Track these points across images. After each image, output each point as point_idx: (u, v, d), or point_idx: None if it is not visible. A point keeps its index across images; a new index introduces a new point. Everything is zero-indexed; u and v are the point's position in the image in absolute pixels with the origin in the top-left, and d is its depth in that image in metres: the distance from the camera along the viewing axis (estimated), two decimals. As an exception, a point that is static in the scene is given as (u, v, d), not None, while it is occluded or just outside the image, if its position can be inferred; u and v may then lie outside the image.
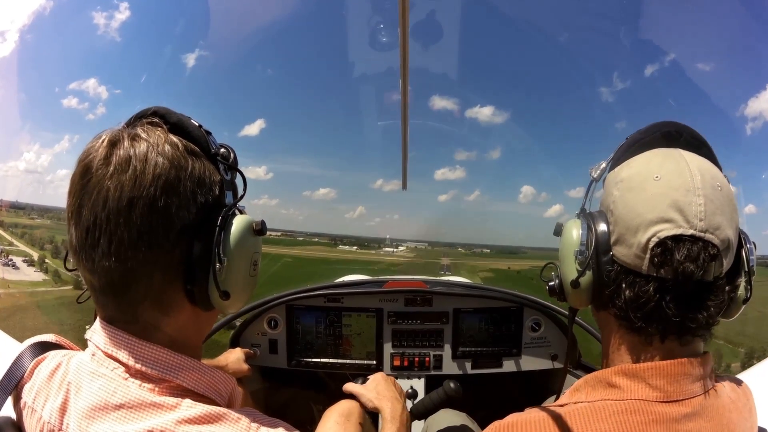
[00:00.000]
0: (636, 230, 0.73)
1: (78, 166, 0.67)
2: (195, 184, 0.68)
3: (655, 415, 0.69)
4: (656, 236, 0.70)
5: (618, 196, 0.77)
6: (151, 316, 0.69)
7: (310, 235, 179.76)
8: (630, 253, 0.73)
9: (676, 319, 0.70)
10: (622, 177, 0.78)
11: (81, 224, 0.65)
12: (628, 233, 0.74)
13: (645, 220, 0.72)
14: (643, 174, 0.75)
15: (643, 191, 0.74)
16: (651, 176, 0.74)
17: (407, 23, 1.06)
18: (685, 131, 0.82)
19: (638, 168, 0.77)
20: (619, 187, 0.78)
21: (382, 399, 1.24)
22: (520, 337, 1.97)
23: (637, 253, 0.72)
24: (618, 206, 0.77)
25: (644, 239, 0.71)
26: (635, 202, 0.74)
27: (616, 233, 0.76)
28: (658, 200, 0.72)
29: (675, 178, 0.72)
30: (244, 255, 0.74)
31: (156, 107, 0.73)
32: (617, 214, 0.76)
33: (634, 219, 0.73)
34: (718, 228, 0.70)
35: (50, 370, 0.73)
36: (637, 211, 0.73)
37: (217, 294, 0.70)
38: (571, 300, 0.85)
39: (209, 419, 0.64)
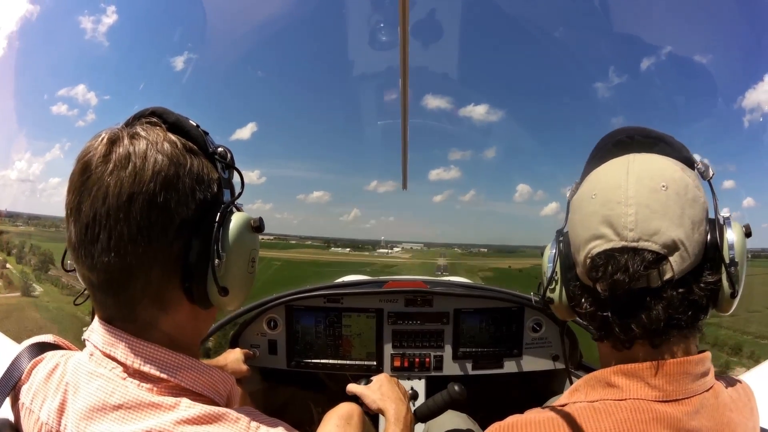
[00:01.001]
0: (578, 249, 0.78)
1: (77, 163, 0.67)
2: (194, 181, 0.69)
3: (655, 414, 0.69)
4: (589, 254, 0.75)
5: (570, 218, 0.83)
6: (150, 314, 0.69)
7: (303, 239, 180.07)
8: (580, 270, 0.79)
9: (617, 327, 0.73)
10: (573, 200, 0.84)
11: (80, 220, 0.65)
12: (575, 252, 0.80)
13: (582, 239, 0.77)
14: (584, 194, 0.80)
15: (581, 211, 0.79)
16: (589, 195, 0.78)
17: (407, 22, 1.05)
18: (636, 134, 0.82)
19: (583, 188, 0.81)
20: (572, 209, 0.83)
21: (386, 400, 1.23)
22: (521, 337, 1.96)
23: (581, 269, 0.78)
24: (569, 228, 0.83)
25: (582, 257, 0.77)
26: (576, 224, 0.80)
27: (573, 253, 0.82)
28: (591, 219, 0.76)
29: (608, 193, 0.75)
30: (243, 252, 0.74)
31: (154, 107, 0.74)
32: (570, 235, 0.83)
33: (576, 239, 0.79)
34: (656, 233, 0.70)
35: (48, 371, 0.73)
36: (577, 232, 0.79)
37: (216, 290, 0.70)
38: (556, 313, 0.91)
39: (208, 419, 0.64)
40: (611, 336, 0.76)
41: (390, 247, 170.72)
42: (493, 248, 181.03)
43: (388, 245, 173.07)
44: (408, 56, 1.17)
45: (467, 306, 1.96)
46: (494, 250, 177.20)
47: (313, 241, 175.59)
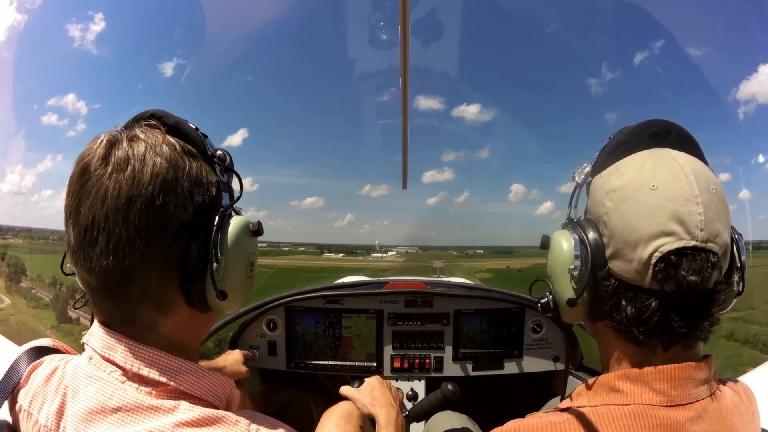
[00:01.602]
0: (635, 245, 0.70)
1: (76, 166, 0.67)
2: (192, 184, 0.69)
3: (659, 420, 0.69)
4: (658, 251, 0.68)
5: (611, 207, 0.74)
6: (149, 317, 0.69)
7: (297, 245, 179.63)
8: (630, 268, 0.71)
9: (682, 330, 0.70)
10: (614, 186, 0.75)
11: (79, 223, 0.65)
12: (626, 248, 0.71)
13: (645, 234, 0.69)
14: (637, 183, 0.72)
15: (639, 203, 0.71)
16: (646, 185, 0.71)
17: (407, 21, 1.05)
18: (672, 129, 0.79)
19: (631, 176, 0.74)
20: (612, 198, 0.74)
21: (376, 405, 1.23)
22: (521, 338, 1.96)
23: (637, 268, 0.70)
24: (612, 219, 0.74)
25: (646, 255, 0.69)
26: (632, 215, 0.71)
27: (612, 247, 0.73)
28: (656, 212, 0.69)
29: (672, 187, 0.70)
30: (241, 255, 0.74)
31: (154, 110, 0.74)
32: (612, 226, 0.73)
33: (633, 233, 0.71)
34: (718, 235, 0.69)
35: (47, 374, 0.72)
36: (635, 225, 0.71)
37: (214, 294, 0.70)
38: (566, 317, 0.83)
39: (208, 422, 0.64)
40: (657, 339, 0.72)
41: (384, 251, 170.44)
42: (490, 249, 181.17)
43: (382, 249, 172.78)
44: (408, 55, 1.18)
45: (467, 307, 1.96)
46: (491, 251, 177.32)
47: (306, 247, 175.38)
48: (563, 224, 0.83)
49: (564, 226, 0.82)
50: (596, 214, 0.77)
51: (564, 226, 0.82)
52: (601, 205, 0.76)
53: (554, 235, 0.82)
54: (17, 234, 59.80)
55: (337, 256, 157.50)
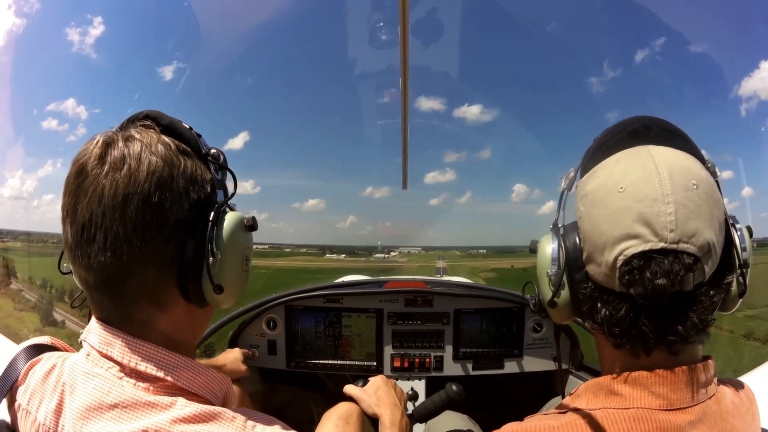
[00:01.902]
0: (603, 249, 0.70)
1: (73, 166, 0.68)
2: (187, 181, 0.70)
3: (658, 423, 0.68)
4: (623, 255, 0.67)
5: (584, 211, 0.74)
6: (146, 313, 0.70)
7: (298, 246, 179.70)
8: (600, 271, 0.72)
9: (653, 335, 0.69)
10: (586, 190, 0.75)
11: (76, 222, 0.66)
12: (596, 251, 0.72)
13: (610, 237, 0.69)
14: (606, 186, 0.71)
15: (606, 206, 0.70)
16: (615, 188, 0.70)
17: (407, 20, 1.05)
18: (654, 124, 0.77)
19: (602, 178, 0.73)
20: (585, 202, 0.75)
21: (381, 405, 1.23)
22: (521, 338, 1.95)
23: (606, 272, 0.70)
24: (585, 222, 0.74)
25: (611, 258, 0.68)
26: (599, 219, 0.71)
27: (586, 251, 0.74)
28: (622, 215, 0.68)
29: (640, 187, 0.68)
30: (237, 250, 0.75)
31: (148, 111, 0.75)
32: (584, 230, 0.75)
33: (600, 237, 0.71)
34: (694, 234, 0.66)
35: (45, 372, 0.73)
36: (602, 229, 0.70)
37: (211, 288, 0.71)
38: (553, 317, 0.86)
39: (204, 418, 0.64)
40: (634, 343, 0.71)
41: (387, 251, 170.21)
42: (493, 249, 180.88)
43: (384, 250, 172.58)
44: (408, 54, 1.18)
45: (468, 306, 1.96)
46: (493, 251, 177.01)
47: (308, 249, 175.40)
48: (550, 228, 0.84)
49: (550, 231, 0.84)
50: (576, 218, 0.78)
51: (550, 230, 0.84)
52: (576, 210, 0.78)
53: (541, 240, 0.85)
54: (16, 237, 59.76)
55: (339, 257, 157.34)
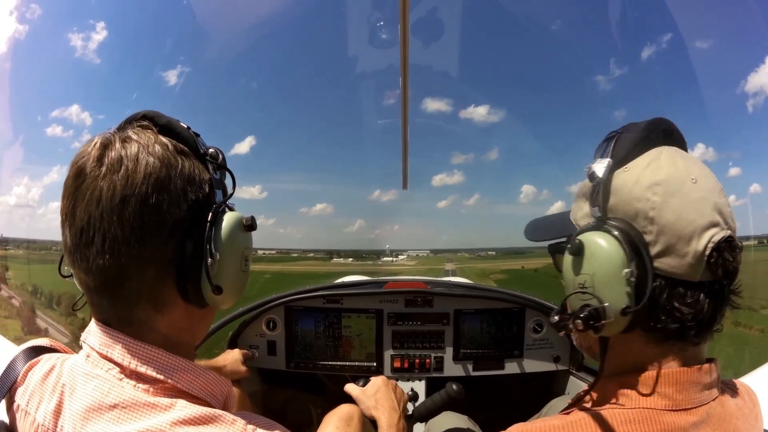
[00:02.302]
0: (690, 238, 0.69)
1: (71, 169, 0.68)
2: (185, 182, 0.69)
3: (663, 425, 0.68)
4: (711, 241, 0.69)
5: (660, 201, 0.70)
6: (146, 314, 0.69)
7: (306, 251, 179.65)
8: (683, 263, 0.69)
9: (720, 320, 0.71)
10: (656, 179, 0.71)
11: (75, 224, 0.66)
12: (680, 242, 0.69)
13: (698, 226, 0.69)
14: (678, 176, 0.71)
15: (687, 195, 0.70)
16: (688, 178, 0.71)
17: (407, 19, 1.05)
18: (674, 129, 0.80)
19: (669, 170, 0.72)
20: (657, 192, 0.71)
21: (379, 408, 1.22)
22: (522, 338, 1.94)
23: (691, 262, 0.69)
24: (663, 213, 0.70)
25: (701, 246, 0.68)
26: (683, 208, 0.70)
27: (662, 243, 0.70)
28: (704, 204, 0.70)
29: (707, 180, 0.72)
30: (235, 250, 0.75)
31: (146, 111, 0.74)
32: (663, 221, 0.70)
33: (687, 226, 0.69)
34: (736, 227, 0.72)
35: (44, 373, 0.73)
36: (689, 218, 0.69)
37: (210, 289, 0.70)
38: (609, 330, 0.72)
39: (204, 420, 0.64)
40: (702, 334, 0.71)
41: (395, 255, 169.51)
42: (501, 251, 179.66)
43: (393, 254, 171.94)
44: (408, 53, 1.18)
45: (468, 307, 1.95)
46: (502, 252, 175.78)
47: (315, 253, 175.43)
48: (593, 225, 0.75)
49: (596, 228, 0.74)
50: (634, 211, 0.72)
51: (595, 227, 0.74)
52: (642, 200, 0.71)
53: (589, 238, 0.73)
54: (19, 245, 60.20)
55: (346, 261, 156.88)
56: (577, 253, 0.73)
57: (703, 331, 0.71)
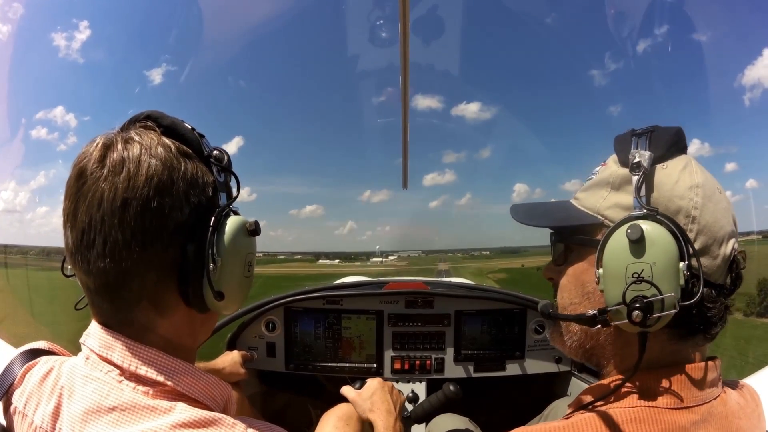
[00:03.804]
0: (722, 241, 0.72)
1: (73, 169, 0.68)
2: (188, 185, 0.69)
3: (664, 423, 0.68)
4: (734, 248, 0.74)
5: (701, 203, 0.72)
6: (147, 317, 0.69)
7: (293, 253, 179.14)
8: (714, 264, 0.72)
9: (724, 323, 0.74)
10: (696, 182, 0.73)
11: (76, 226, 0.66)
12: (714, 244, 0.72)
13: (727, 232, 0.73)
14: (710, 184, 0.75)
15: (718, 202, 0.74)
16: (716, 188, 0.75)
17: (407, 18, 1.04)
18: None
19: (702, 176, 0.75)
20: (698, 193, 0.72)
21: (375, 411, 1.22)
22: (523, 339, 1.94)
23: (720, 264, 0.72)
24: (704, 214, 0.72)
25: (728, 250, 0.73)
26: (717, 212, 0.73)
27: (700, 242, 0.71)
28: (728, 214, 0.75)
29: (724, 193, 0.76)
30: (238, 255, 0.74)
31: (149, 111, 0.74)
32: (704, 222, 0.71)
33: (720, 230, 0.72)
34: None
35: (42, 375, 0.73)
36: (721, 222, 0.73)
37: (212, 294, 0.70)
38: (658, 324, 0.69)
39: (204, 423, 0.63)
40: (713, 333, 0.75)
41: (385, 255, 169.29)
42: (495, 250, 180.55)
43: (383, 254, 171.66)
44: (408, 52, 1.18)
45: (469, 307, 1.94)
46: (496, 252, 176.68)
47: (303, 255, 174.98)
48: (644, 214, 0.70)
49: (647, 217, 0.70)
50: (676, 207, 0.71)
51: (647, 216, 0.70)
52: (685, 199, 0.72)
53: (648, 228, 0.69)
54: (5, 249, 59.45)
55: (333, 262, 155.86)
56: (638, 240, 0.68)
57: (717, 332, 0.74)
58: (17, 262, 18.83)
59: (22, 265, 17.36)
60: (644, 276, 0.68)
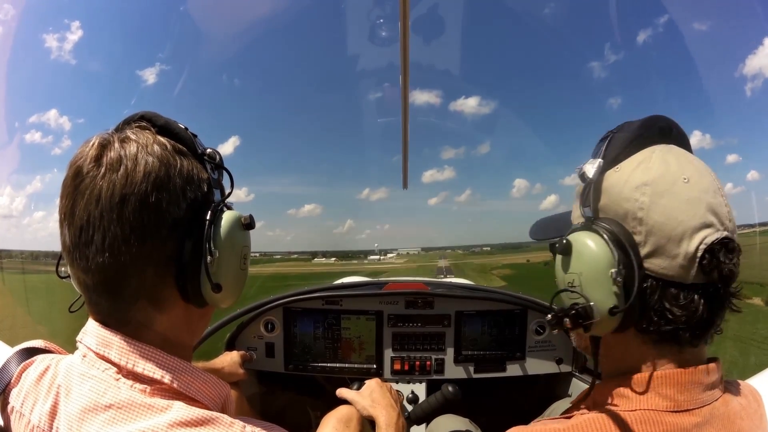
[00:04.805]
0: (680, 239, 0.68)
1: (69, 168, 0.68)
2: (184, 181, 0.70)
3: (665, 426, 0.68)
4: (704, 243, 0.68)
5: (648, 202, 0.70)
6: (145, 314, 0.69)
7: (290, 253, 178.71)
8: (673, 264, 0.69)
9: (718, 322, 0.71)
10: (644, 180, 0.71)
11: (74, 224, 0.66)
12: (669, 243, 0.69)
13: (689, 227, 0.68)
14: (669, 177, 0.71)
15: (677, 196, 0.70)
16: (679, 179, 0.70)
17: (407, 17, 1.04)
18: (673, 126, 0.79)
19: (660, 169, 0.71)
20: (645, 192, 0.71)
21: (376, 407, 1.21)
22: (524, 340, 1.93)
23: (682, 263, 0.68)
24: (652, 214, 0.70)
25: (692, 248, 0.68)
26: (673, 209, 0.69)
27: (651, 244, 0.70)
28: (695, 204, 0.69)
29: (701, 179, 0.71)
30: (234, 249, 0.76)
31: (143, 112, 0.75)
32: (652, 222, 0.70)
33: (677, 227, 0.69)
34: (736, 227, 0.72)
35: (38, 374, 0.72)
36: (679, 219, 0.69)
37: (209, 287, 0.71)
38: (600, 328, 0.73)
39: (202, 422, 0.63)
40: (696, 336, 0.70)
41: (383, 253, 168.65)
42: (497, 246, 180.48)
43: (381, 252, 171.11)
44: (408, 50, 1.18)
45: (469, 308, 1.94)
46: (498, 248, 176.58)
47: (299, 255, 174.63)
48: (582, 224, 0.76)
49: (585, 227, 0.75)
50: (623, 211, 0.72)
51: (584, 227, 0.75)
52: (630, 201, 0.72)
53: (577, 238, 0.74)
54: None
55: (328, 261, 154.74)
56: (564, 252, 0.75)
57: (699, 334, 0.70)
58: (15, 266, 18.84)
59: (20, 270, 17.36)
60: (575, 285, 0.73)
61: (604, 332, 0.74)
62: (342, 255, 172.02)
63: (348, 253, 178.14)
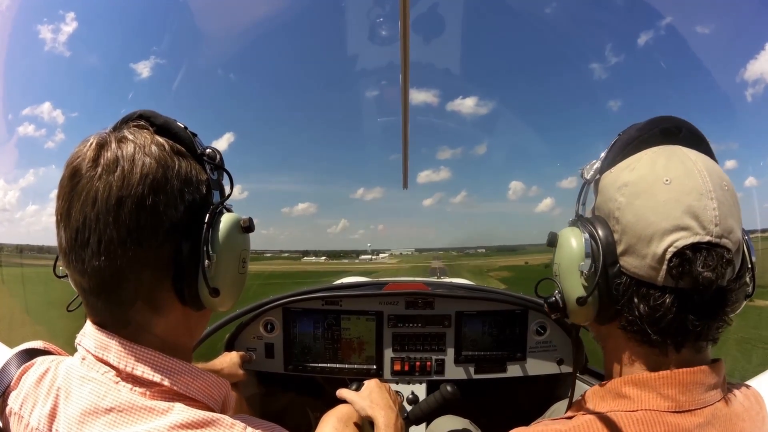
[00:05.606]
0: (649, 240, 0.69)
1: (66, 169, 0.68)
2: (182, 183, 0.69)
3: (667, 426, 0.68)
4: (673, 246, 0.67)
5: (624, 202, 0.72)
6: (142, 317, 0.69)
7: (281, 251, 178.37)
8: (643, 264, 0.70)
9: (697, 329, 0.69)
10: (625, 181, 0.73)
11: (70, 225, 0.66)
12: (639, 243, 0.70)
13: (659, 228, 0.68)
14: (650, 178, 0.71)
15: (653, 197, 0.70)
16: (660, 180, 0.70)
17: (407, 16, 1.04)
18: (683, 126, 0.78)
19: (643, 171, 0.72)
20: (624, 192, 0.73)
21: (375, 407, 1.21)
22: (524, 341, 1.93)
23: (651, 264, 0.69)
24: (625, 214, 0.72)
25: (660, 250, 0.68)
26: (645, 210, 0.70)
27: (625, 243, 0.72)
28: (671, 206, 0.68)
29: (686, 182, 0.69)
30: (233, 252, 0.75)
31: (142, 110, 0.74)
32: (625, 222, 0.72)
33: (647, 228, 0.69)
34: (731, 231, 0.68)
35: (38, 376, 0.72)
36: (650, 220, 0.69)
37: (207, 291, 0.70)
38: (575, 317, 0.80)
39: (203, 424, 0.63)
40: (673, 338, 0.70)
41: (376, 253, 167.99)
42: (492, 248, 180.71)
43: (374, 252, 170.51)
44: (408, 49, 1.17)
45: (469, 308, 1.93)
46: (493, 250, 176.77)
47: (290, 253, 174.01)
48: (571, 221, 0.82)
49: (572, 224, 0.81)
50: (607, 210, 0.76)
51: (572, 223, 0.81)
52: (612, 201, 0.74)
53: (562, 232, 0.81)
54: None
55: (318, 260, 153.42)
56: (550, 244, 0.83)
57: (673, 336, 0.70)
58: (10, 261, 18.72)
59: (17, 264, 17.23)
60: (555, 275, 0.82)
61: (582, 322, 0.82)
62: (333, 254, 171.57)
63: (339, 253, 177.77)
